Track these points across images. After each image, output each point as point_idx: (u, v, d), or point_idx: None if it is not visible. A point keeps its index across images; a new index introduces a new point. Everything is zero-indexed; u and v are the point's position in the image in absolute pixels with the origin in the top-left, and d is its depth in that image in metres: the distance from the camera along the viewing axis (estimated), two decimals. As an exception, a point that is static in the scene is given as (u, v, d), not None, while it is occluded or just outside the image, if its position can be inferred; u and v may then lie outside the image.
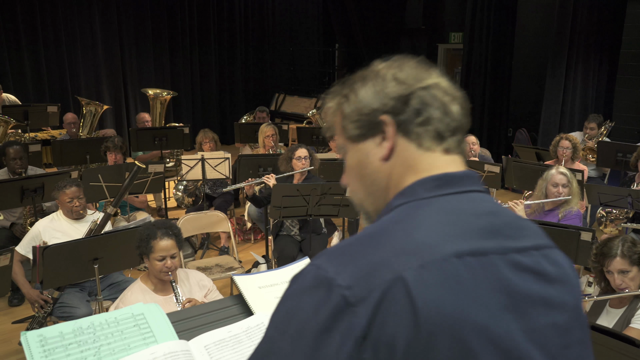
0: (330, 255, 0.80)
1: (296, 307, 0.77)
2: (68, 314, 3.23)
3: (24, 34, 8.18)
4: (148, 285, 2.60)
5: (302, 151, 4.22)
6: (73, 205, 3.38)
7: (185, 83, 9.71)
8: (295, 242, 4.22)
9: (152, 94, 6.46)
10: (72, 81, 8.71)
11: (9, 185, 3.85)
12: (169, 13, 9.52)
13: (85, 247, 2.73)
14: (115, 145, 4.85)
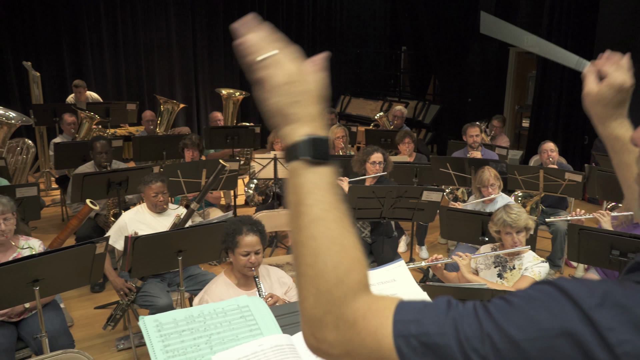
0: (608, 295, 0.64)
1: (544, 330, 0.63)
2: (150, 303, 3.36)
3: (106, 36, 8.64)
4: (231, 280, 2.66)
5: (377, 156, 4.20)
6: (158, 199, 3.53)
7: (253, 85, 9.92)
8: (366, 245, 4.20)
9: (226, 93, 6.63)
10: (148, 81, 9.11)
11: (97, 178, 4.06)
12: (241, 15, 9.73)
13: (172, 239, 2.83)
14: (193, 142, 5.01)
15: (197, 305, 1.38)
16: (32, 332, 2.91)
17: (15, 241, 2.97)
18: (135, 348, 3.62)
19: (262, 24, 0.86)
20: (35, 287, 2.45)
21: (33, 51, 8.03)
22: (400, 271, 1.69)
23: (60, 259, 2.50)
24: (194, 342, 1.28)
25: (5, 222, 2.85)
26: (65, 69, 8.34)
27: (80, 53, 8.45)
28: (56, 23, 8.20)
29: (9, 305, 2.65)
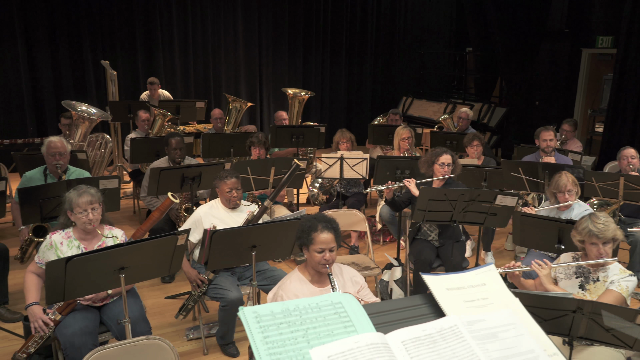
0: None
1: None
2: (221, 296, 3.45)
3: (177, 37, 8.97)
4: (305, 276, 2.68)
5: (446, 157, 4.12)
6: (232, 195, 3.61)
7: (316, 84, 10.02)
8: (433, 248, 4.14)
9: (292, 93, 6.72)
10: (214, 80, 9.39)
11: (173, 173, 4.21)
12: (305, 17, 9.90)
13: (247, 234, 2.89)
14: (260, 140, 5.11)
15: (291, 300, 1.40)
16: (114, 317, 3.05)
17: (100, 230, 3.13)
18: (205, 339, 3.73)
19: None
20: (122, 274, 2.57)
21: (110, 51, 8.45)
22: (490, 275, 1.65)
23: (145, 248, 2.61)
24: (291, 335, 1.30)
25: (93, 212, 3.01)
26: (138, 67, 8.72)
27: (153, 53, 8.81)
28: (132, 24, 8.59)
29: (96, 290, 2.80)
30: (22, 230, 4.22)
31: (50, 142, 4.24)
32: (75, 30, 8.24)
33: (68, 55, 8.24)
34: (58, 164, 4.19)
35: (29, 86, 8.05)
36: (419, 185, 4.08)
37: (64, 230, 3.10)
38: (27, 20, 7.92)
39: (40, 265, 3.05)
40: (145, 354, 2.42)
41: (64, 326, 2.90)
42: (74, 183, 3.60)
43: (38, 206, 3.71)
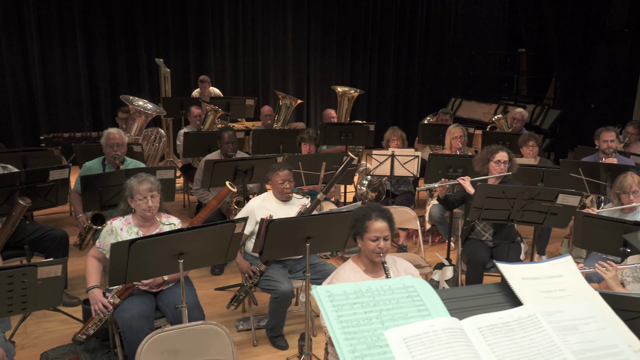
0: None
1: None
2: (272, 287, 3.46)
3: (228, 36, 9.12)
4: (359, 266, 2.65)
5: (502, 155, 4.01)
6: (284, 187, 3.63)
7: (363, 83, 9.98)
8: (487, 248, 4.02)
9: (341, 91, 6.70)
10: (263, 78, 9.49)
11: (226, 165, 4.26)
12: (355, 16, 9.89)
13: (303, 225, 2.89)
14: (310, 136, 5.12)
15: (365, 281, 1.37)
16: (169, 303, 3.11)
17: (158, 217, 3.19)
18: (255, 330, 3.75)
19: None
20: (180, 259, 2.60)
21: (163, 49, 8.67)
22: (567, 267, 1.57)
23: (204, 235, 2.65)
24: (365, 315, 1.27)
25: (152, 199, 3.08)
26: (189, 66, 8.92)
27: (204, 52, 8.99)
28: (185, 24, 8.80)
29: (155, 275, 2.85)
30: (81, 218, 4.36)
31: (109, 133, 4.37)
32: (131, 29, 8.50)
33: (124, 54, 8.51)
34: (116, 154, 4.31)
35: (87, 83, 8.35)
36: (474, 183, 3.98)
37: (124, 216, 3.18)
38: (88, 21, 8.23)
39: (101, 250, 3.14)
40: (202, 339, 2.45)
41: (122, 310, 2.97)
42: (133, 172, 3.69)
43: (98, 194, 3.83)
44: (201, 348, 2.45)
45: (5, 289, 2.17)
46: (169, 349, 2.39)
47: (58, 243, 4.03)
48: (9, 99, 7.97)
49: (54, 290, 2.32)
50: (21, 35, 7.91)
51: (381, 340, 1.23)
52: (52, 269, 2.23)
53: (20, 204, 2.52)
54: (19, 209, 2.52)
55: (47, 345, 3.55)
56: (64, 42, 8.16)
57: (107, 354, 3.26)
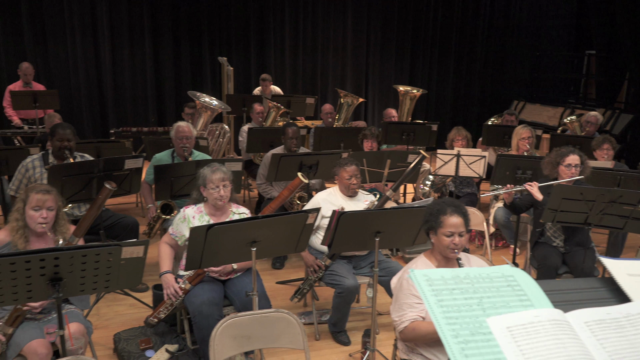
0: None
1: None
2: (337, 282, 3.44)
3: (288, 36, 9.24)
4: (432, 262, 2.60)
5: (573, 158, 3.81)
6: (351, 182, 3.61)
7: (422, 83, 9.86)
8: (559, 253, 3.86)
9: (403, 90, 6.64)
10: (322, 78, 9.55)
11: (292, 160, 4.30)
12: (415, 15, 9.80)
13: (373, 219, 2.86)
14: (373, 134, 5.09)
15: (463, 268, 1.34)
16: (237, 291, 3.15)
17: (229, 207, 3.25)
18: (317, 325, 3.75)
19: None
20: (253, 247, 2.63)
21: (226, 48, 8.88)
22: (676, 265, 1.48)
23: (277, 224, 2.67)
24: (465, 301, 1.24)
25: (224, 189, 3.14)
26: (250, 65, 9.09)
27: (265, 51, 9.15)
28: (247, 24, 8.98)
29: (228, 261, 2.91)
30: (150, 208, 4.51)
31: (178, 126, 4.50)
32: (196, 29, 8.76)
33: (188, 52, 8.77)
34: (184, 147, 4.43)
35: (153, 81, 8.67)
36: (542, 188, 3.82)
37: (196, 205, 3.26)
38: (155, 22, 8.55)
39: (174, 236, 3.23)
40: (274, 326, 2.46)
41: (193, 295, 3.04)
42: (203, 163, 3.77)
43: (169, 184, 3.95)
44: (273, 335, 2.47)
45: (92, 267, 2.26)
46: (242, 334, 2.42)
47: (129, 230, 4.18)
48: (82, 95, 8.37)
49: (135, 271, 2.39)
50: (94, 35, 8.30)
51: (484, 327, 1.19)
52: (135, 249, 2.30)
53: (106, 187, 2.63)
54: (105, 193, 2.63)
55: (118, 327, 3.68)
56: (132, 42, 8.50)
57: (175, 337, 3.34)
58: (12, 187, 4.10)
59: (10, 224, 2.79)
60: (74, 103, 8.29)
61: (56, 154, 4.02)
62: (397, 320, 2.45)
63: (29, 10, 7.91)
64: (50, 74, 8.14)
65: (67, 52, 8.19)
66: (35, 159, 4.07)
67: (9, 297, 2.20)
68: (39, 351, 2.56)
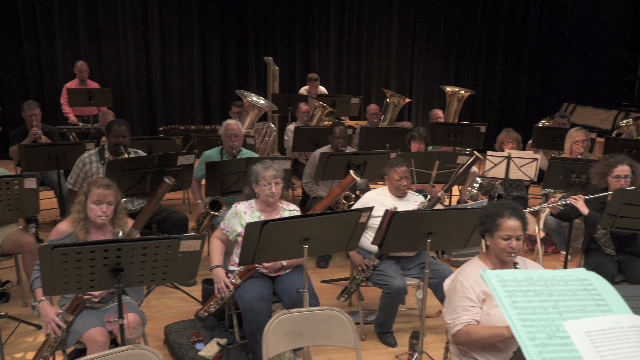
0: None
1: None
2: (385, 282, 3.42)
3: (333, 36, 9.26)
4: (487, 264, 2.54)
5: (622, 169, 3.58)
6: (401, 183, 3.58)
7: (468, 84, 9.70)
8: (613, 261, 3.71)
9: (450, 90, 6.54)
10: (366, 78, 9.52)
11: (340, 159, 4.30)
12: (462, 15, 9.65)
13: (426, 219, 2.83)
14: (421, 135, 5.03)
15: (536, 270, 1.31)
16: (286, 288, 3.17)
17: (280, 204, 3.28)
18: (363, 325, 3.74)
19: None
20: (305, 245, 2.65)
21: (271, 47, 8.98)
22: None
23: (330, 222, 2.67)
24: (540, 304, 1.21)
25: (276, 186, 3.17)
26: (295, 64, 9.15)
27: (309, 51, 9.19)
28: (292, 24, 9.05)
29: (281, 258, 2.93)
30: (199, 204, 4.60)
31: (228, 124, 4.57)
32: (243, 29, 8.88)
33: (234, 52, 8.91)
34: (233, 144, 4.50)
35: (199, 80, 8.85)
36: (588, 202, 3.66)
37: (247, 201, 3.30)
38: (204, 22, 8.73)
39: (225, 231, 3.28)
40: (325, 324, 2.47)
41: (243, 290, 3.08)
42: (253, 161, 3.82)
43: (220, 180, 4.01)
44: (324, 333, 2.47)
45: (151, 259, 2.31)
46: (294, 331, 2.44)
47: (179, 225, 4.27)
48: (132, 93, 8.63)
49: (191, 264, 2.44)
50: (145, 35, 8.54)
51: (561, 331, 1.15)
52: (192, 243, 2.35)
53: (165, 182, 2.70)
54: (164, 187, 2.70)
55: (167, 319, 3.77)
56: (181, 42, 8.69)
57: (224, 332, 3.39)
58: (69, 181, 4.26)
59: (72, 216, 2.90)
60: (125, 101, 8.55)
61: (112, 150, 4.16)
62: (450, 322, 2.41)
63: (86, 12, 8.21)
64: (103, 72, 8.42)
65: (119, 51, 8.46)
66: (92, 154, 4.22)
67: (74, 286, 2.28)
68: (97, 339, 2.64)
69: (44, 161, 4.66)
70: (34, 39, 8.10)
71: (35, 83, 8.25)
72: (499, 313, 2.35)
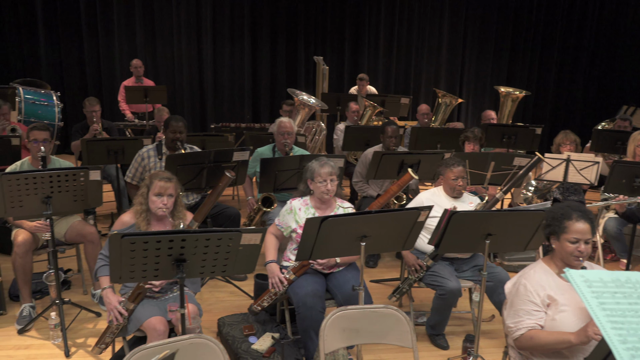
0: None
1: None
2: (438, 284, 3.37)
3: (383, 36, 9.22)
4: (552, 268, 2.46)
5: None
6: (457, 183, 3.52)
7: (521, 85, 9.45)
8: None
9: (505, 91, 6.38)
10: (415, 78, 9.43)
11: (393, 158, 4.27)
12: (516, 16, 9.41)
13: (487, 220, 2.76)
14: (476, 136, 4.92)
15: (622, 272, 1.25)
16: (339, 285, 3.17)
17: (335, 201, 3.28)
18: (414, 326, 3.69)
19: None
20: (362, 242, 2.63)
21: (320, 47, 9.01)
22: None
23: (388, 219, 2.65)
24: (630, 306, 1.16)
25: (332, 183, 3.17)
26: (344, 64, 9.15)
27: (359, 51, 9.17)
28: (342, 23, 9.05)
29: (337, 255, 2.93)
30: (250, 200, 4.66)
31: (281, 122, 4.61)
32: (293, 29, 8.96)
33: (284, 52, 8.99)
34: (286, 142, 4.53)
35: (249, 79, 8.98)
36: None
37: (302, 197, 3.31)
38: (255, 22, 8.85)
39: (280, 227, 3.31)
40: (383, 322, 2.45)
41: (297, 286, 3.09)
42: (307, 158, 3.84)
43: (274, 177, 4.05)
44: (381, 331, 2.45)
45: (213, 251, 2.36)
46: (351, 328, 2.43)
47: (232, 220, 4.34)
48: (184, 91, 8.85)
49: (250, 257, 2.47)
50: (198, 35, 8.74)
51: (654, 336, 1.10)
52: (253, 236, 2.37)
53: (226, 175, 2.75)
54: (225, 181, 2.75)
55: (219, 312, 3.83)
56: (233, 41, 8.85)
57: (276, 327, 3.42)
58: (128, 175, 4.40)
59: (135, 208, 2.99)
60: (177, 99, 8.77)
61: (169, 145, 4.26)
62: (513, 327, 2.35)
63: (143, 11, 8.47)
64: (157, 71, 8.67)
65: (172, 50, 8.69)
66: (150, 149, 4.34)
67: (139, 274, 2.34)
68: (157, 327, 2.72)
69: (103, 155, 4.83)
70: (93, 38, 8.43)
71: (94, 81, 8.59)
72: (565, 319, 2.27)
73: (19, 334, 3.53)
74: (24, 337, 3.52)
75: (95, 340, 3.46)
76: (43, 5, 8.17)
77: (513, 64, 9.56)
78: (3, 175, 3.12)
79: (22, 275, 3.62)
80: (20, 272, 3.61)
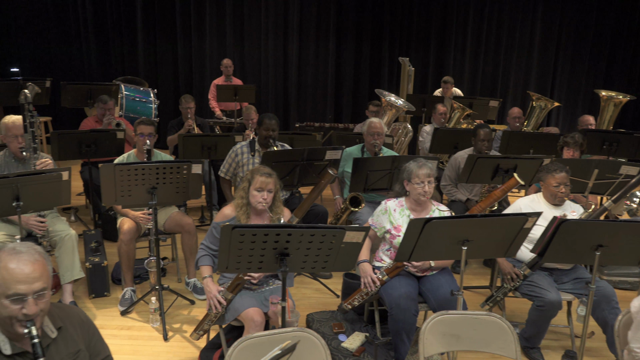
0: None
1: None
2: (537, 294, 3.22)
3: (471, 36, 8.97)
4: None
5: None
6: (559, 190, 3.35)
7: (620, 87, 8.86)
8: None
9: (606, 95, 6.01)
10: (503, 81, 9.09)
11: (488, 162, 4.13)
12: (617, 16, 8.85)
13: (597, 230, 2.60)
14: (576, 141, 4.66)
15: None
16: (433, 289, 3.11)
17: (430, 203, 3.23)
18: (507, 336, 3.55)
19: None
20: (464, 247, 2.57)
21: (405, 48, 8.91)
22: None
23: (494, 224, 2.57)
24: None
25: (429, 185, 3.12)
26: (429, 65, 9.00)
27: (444, 52, 8.98)
28: (428, 24, 8.91)
29: (433, 257, 2.88)
30: (337, 199, 4.69)
31: (371, 122, 4.60)
32: (378, 29, 8.92)
33: (369, 52, 8.98)
34: (375, 142, 4.52)
35: (333, 79, 9.04)
36: None
37: (397, 198, 3.29)
38: (340, 22, 8.91)
39: (373, 227, 3.30)
40: (485, 330, 2.37)
41: (390, 287, 3.07)
42: (401, 159, 3.81)
43: (364, 177, 4.05)
44: (483, 339, 2.37)
45: (316, 247, 2.39)
46: (451, 333, 2.37)
47: (320, 218, 4.38)
48: (268, 91, 9.06)
49: (351, 255, 2.48)
50: (285, 35, 8.92)
51: None
52: (355, 234, 2.38)
53: (329, 173, 2.79)
54: (327, 178, 2.79)
55: (306, 308, 3.88)
56: (318, 42, 8.96)
57: (364, 327, 3.42)
58: (222, 170, 4.56)
59: (236, 201, 3.09)
60: (262, 98, 9.00)
61: (261, 142, 4.38)
62: (639, 351, 2.20)
63: (233, 12, 8.77)
64: (245, 70, 8.94)
65: (260, 51, 8.93)
66: (244, 146, 4.48)
67: (244, 265, 2.42)
68: (255, 318, 2.79)
69: (197, 150, 5.04)
70: (187, 38, 8.84)
71: (186, 79, 9.00)
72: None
73: (121, 315, 3.76)
74: (126, 318, 3.74)
75: (189, 327, 3.62)
76: (143, 7, 8.66)
77: (612, 65, 8.98)
78: (116, 166, 3.33)
79: (127, 261, 3.85)
80: (125, 258, 3.84)
